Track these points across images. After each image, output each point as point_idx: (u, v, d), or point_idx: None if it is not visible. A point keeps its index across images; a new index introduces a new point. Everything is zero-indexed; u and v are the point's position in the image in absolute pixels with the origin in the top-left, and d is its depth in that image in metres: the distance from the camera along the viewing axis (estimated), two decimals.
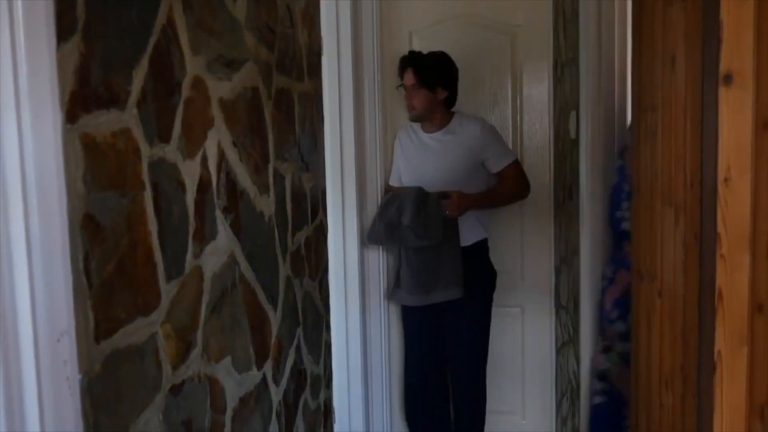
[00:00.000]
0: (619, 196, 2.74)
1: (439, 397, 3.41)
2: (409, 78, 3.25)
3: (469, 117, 3.35)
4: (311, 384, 2.36)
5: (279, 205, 1.97)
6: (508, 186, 3.35)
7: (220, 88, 1.53)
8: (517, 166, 3.35)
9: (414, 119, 3.33)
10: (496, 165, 3.31)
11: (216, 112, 1.50)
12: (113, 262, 1.07)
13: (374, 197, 3.37)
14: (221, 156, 1.53)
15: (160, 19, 1.24)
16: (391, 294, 3.34)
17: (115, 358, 1.08)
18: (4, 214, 0.87)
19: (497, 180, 3.33)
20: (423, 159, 3.33)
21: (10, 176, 0.87)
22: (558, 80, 3.53)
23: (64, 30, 0.94)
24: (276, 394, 1.93)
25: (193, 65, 1.38)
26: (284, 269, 2.02)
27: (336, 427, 3.06)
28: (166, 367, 1.26)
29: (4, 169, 0.87)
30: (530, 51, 3.60)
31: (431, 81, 3.24)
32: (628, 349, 2.47)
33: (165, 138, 1.26)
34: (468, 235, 3.25)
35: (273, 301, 1.91)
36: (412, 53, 3.31)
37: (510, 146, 3.66)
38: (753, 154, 1.45)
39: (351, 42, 3.10)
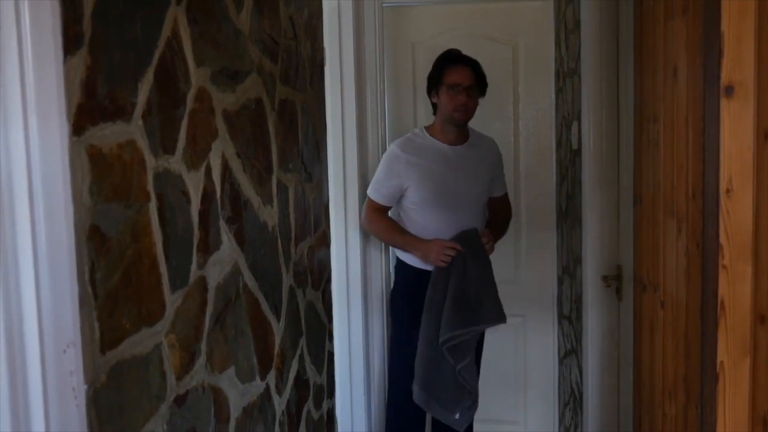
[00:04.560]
0: None
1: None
2: (470, 76, 2.97)
3: (480, 133, 3.19)
4: (314, 394, 2.36)
5: (282, 216, 1.98)
6: (508, 214, 3.29)
7: (224, 100, 1.54)
8: (507, 194, 3.31)
9: (461, 123, 3.02)
10: (500, 189, 3.23)
11: (220, 123, 1.51)
12: (119, 273, 1.08)
13: None
14: (225, 167, 1.54)
15: (165, 32, 1.25)
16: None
17: (120, 368, 1.08)
18: (11, 226, 0.88)
19: (494, 206, 3.20)
20: (455, 174, 3.02)
21: (17, 188, 0.88)
22: (560, 91, 3.54)
23: (70, 43, 0.95)
24: (279, 403, 1.93)
25: (197, 77, 1.39)
26: (287, 279, 2.03)
27: None
28: (171, 378, 1.26)
29: (12, 180, 0.88)
30: (532, 62, 3.62)
31: (484, 86, 3.04)
32: None
33: (170, 149, 1.26)
34: None
35: (276, 311, 1.91)
36: (458, 51, 3.04)
37: (513, 156, 3.67)
38: (755, 164, 1.45)
39: (353, 53, 3.12)
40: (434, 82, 3.04)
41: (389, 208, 3.12)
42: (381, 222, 3.10)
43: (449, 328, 2.85)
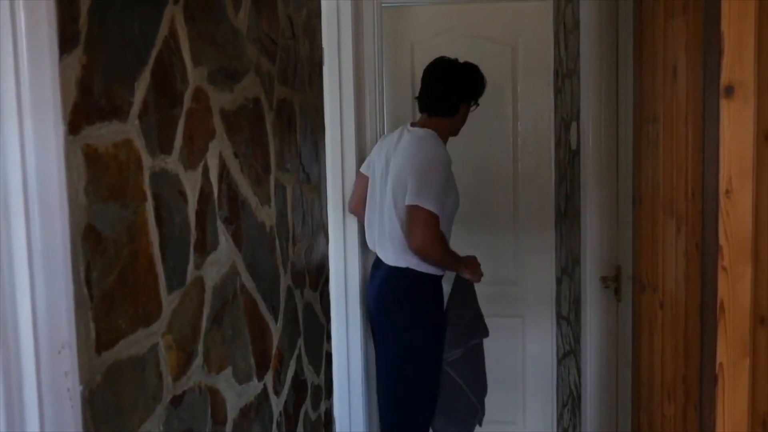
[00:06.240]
0: None
1: None
2: None
3: None
4: (312, 394, 2.35)
5: (280, 216, 1.97)
6: None
7: (221, 99, 1.53)
8: None
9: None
10: None
11: (217, 123, 1.51)
12: (114, 273, 1.07)
13: None
14: (223, 167, 1.53)
15: (163, 31, 1.24)
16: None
17: (116, 369, 1.08)
18: (6, 225, 0.87)
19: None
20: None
21: (12, 187, 0.87)
22: (559, 91, 3.54)
23: (66, 42, 0.95)
24: (277, 404, 1.93)
25: (194, 76, 1.38)
26: (285, 280, 2.02)
27: None
28: (167, 378, 1.26)
29: (7, 180, 0.87)
30: (531, 62, 3.61)
31: None
32: None
33: (167, 149, 1.26)
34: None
35: (274, 312, 1.90)
36: None
37: (511, 156, 3.66)
38: (754, 165, 1.45)
39: (352, 53, 3.11)
40: (475, 96, 3.01)
41: None
42: (445, 242, 2.79)
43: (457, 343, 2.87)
